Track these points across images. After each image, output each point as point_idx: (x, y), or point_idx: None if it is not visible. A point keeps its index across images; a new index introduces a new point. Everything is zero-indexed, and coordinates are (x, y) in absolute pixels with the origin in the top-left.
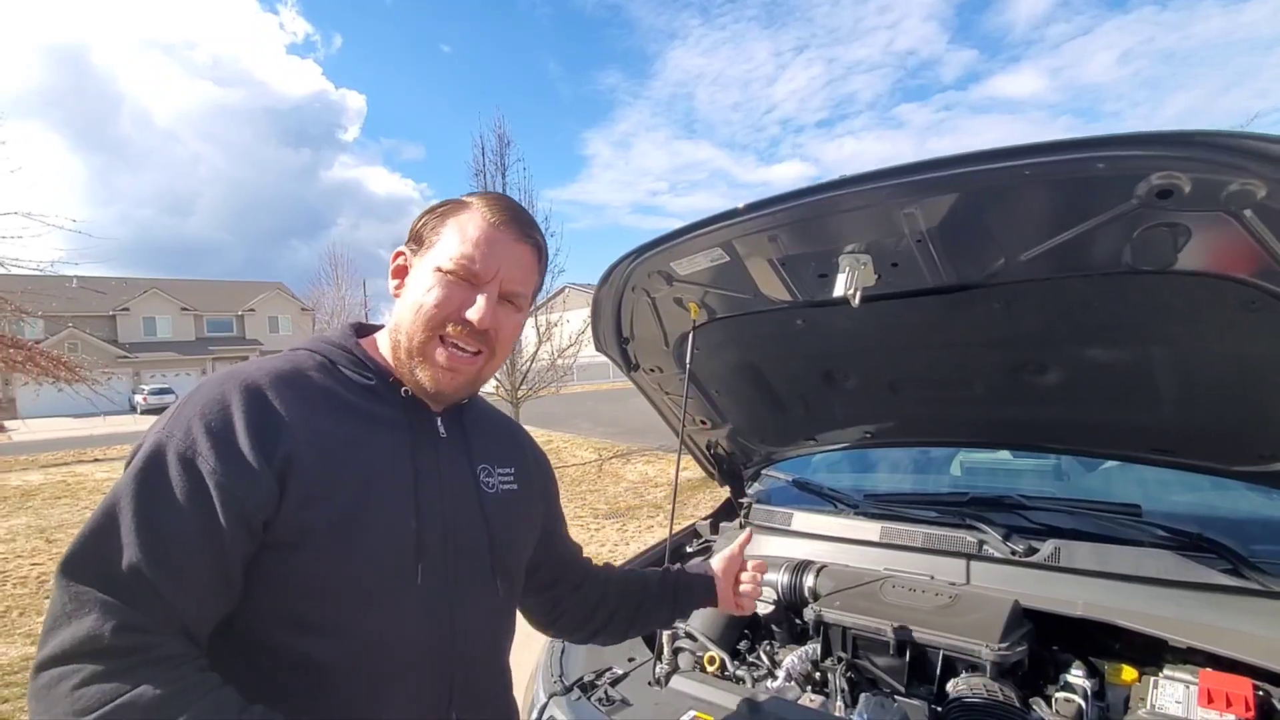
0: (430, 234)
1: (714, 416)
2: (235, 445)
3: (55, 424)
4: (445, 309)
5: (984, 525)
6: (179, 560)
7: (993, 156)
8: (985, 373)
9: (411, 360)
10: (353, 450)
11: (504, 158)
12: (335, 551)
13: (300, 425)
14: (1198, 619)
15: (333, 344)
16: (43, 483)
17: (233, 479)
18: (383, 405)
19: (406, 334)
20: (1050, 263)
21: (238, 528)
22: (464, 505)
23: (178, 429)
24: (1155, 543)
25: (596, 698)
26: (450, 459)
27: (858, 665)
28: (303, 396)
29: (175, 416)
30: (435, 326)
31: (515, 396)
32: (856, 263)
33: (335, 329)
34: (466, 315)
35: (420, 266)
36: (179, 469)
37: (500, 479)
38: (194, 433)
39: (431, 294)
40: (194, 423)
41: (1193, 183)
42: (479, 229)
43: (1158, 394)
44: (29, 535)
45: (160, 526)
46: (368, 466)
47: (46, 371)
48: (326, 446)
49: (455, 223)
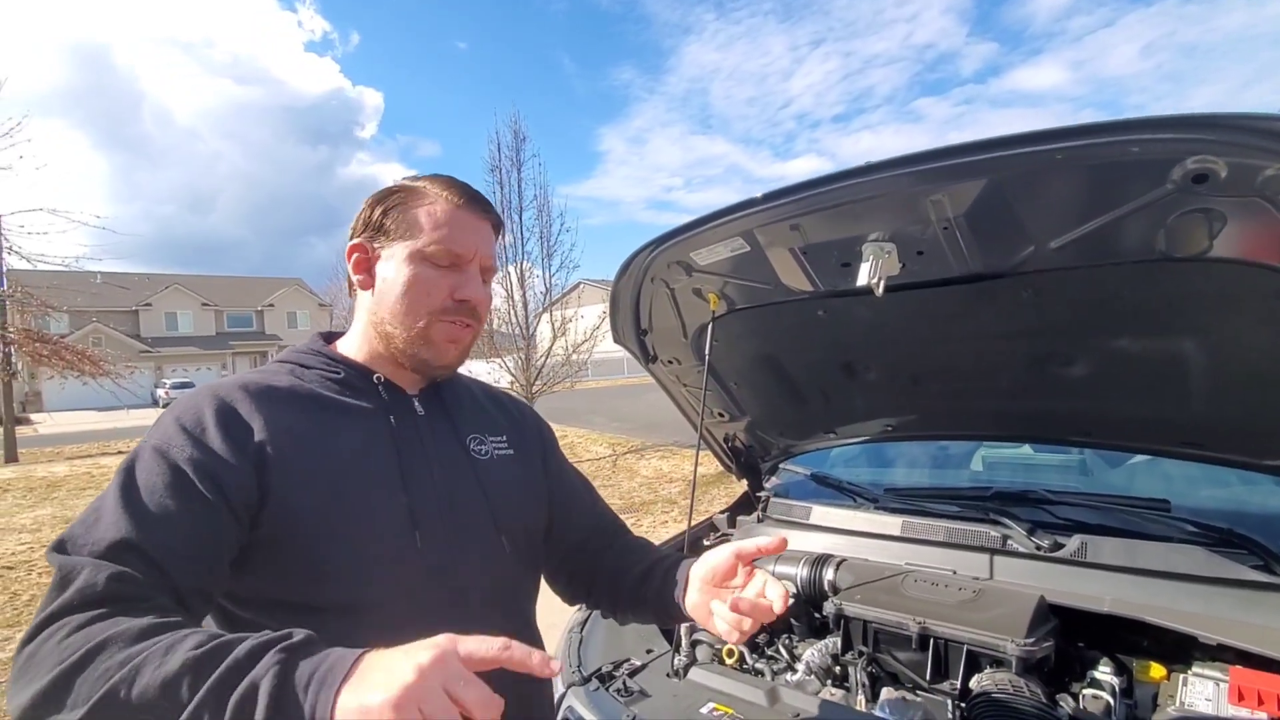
0: (395, 224)
1: (732, 409)
2: (207, 439)
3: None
4: (439, 295)
5: (1008, 520)
6: (164, 531)
7: (1024, 140)
8: (1011, 364)
9: (412, 346)
10: (328, 438)
11: (519, 154)
12: (328, 533)
13: (270, 422)
14: (1228, 615)
15: (300, 352)
16: (68, 474)
17: (208, 460)
18: (355, 395)
19: (402, 323)
20: (1080, 250)
21: (219, 502)
22: (457, 473)
23: (155, 434)
24: (1184, 538)
25: (615, 689)
26: (433, 433)
27: (879, 659)
28: (271, 399)
29: (155, 427)
30: (434, 310)
31: (530, 392)
32: (880, 251)
33: (303, 341)
34: (460, 296)
35: (394, 256)
36: (155, 459)
37: (494, 446)
38: (169, 432)
39: (420, 282)
40: (169, 426)
41: (1229, 167)
42: (449, 213)
43: (1189, 386)
44: (54, 526)
45: (143, 505)
46: (346, 450)
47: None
48: (301, 436)
49: (423, 210)
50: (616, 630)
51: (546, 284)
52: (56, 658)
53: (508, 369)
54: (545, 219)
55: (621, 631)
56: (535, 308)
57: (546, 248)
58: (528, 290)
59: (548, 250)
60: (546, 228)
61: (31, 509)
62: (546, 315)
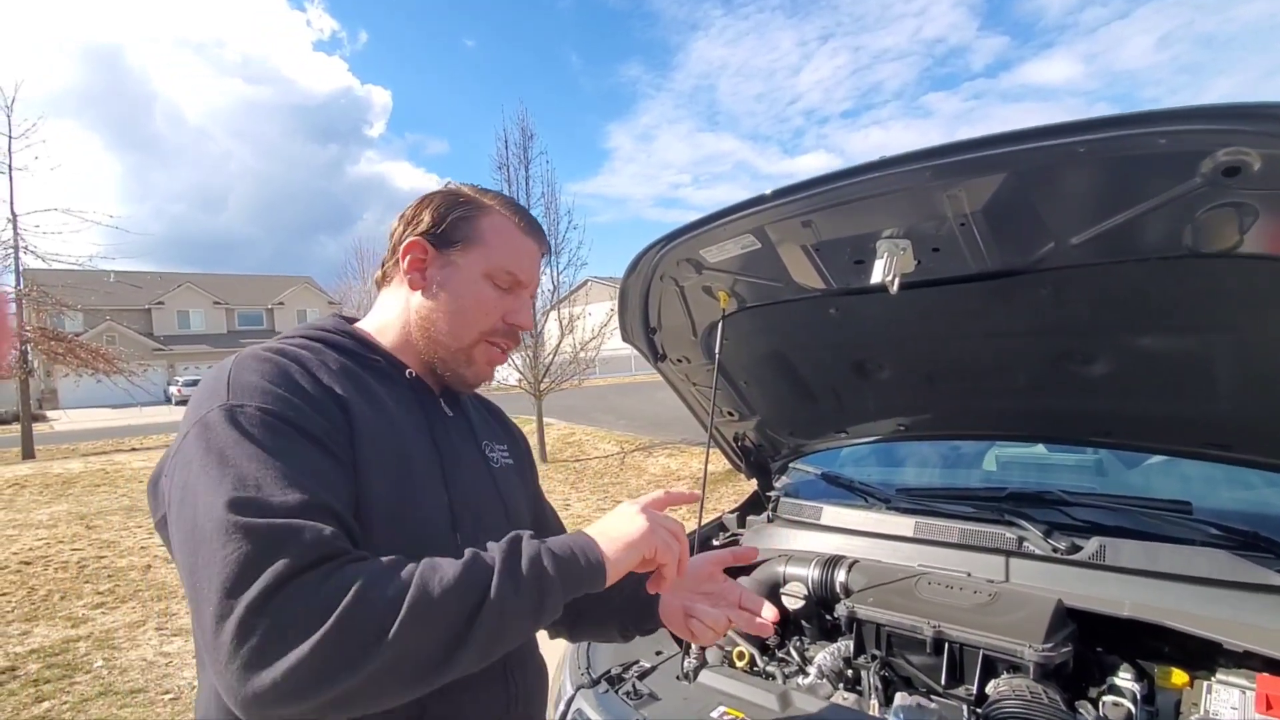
0: (460, 233)
1: (742, 408)
2: (318, 400)
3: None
4: (493, 316)
5: (1024, 521)
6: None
7: (1044, 134)
8: (1028, 363)
9: (455, 359)
10: (388, 424)
11: (527, 151)
12: (391, 517)
13: (347, 392)
14: (1254, 621)
15: (326, 330)
16: (83, 471)
17: (327, 420)
18: (391, 386)
19: (450, 334)
20: (1103, 247)
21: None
22: (479, 479)
23: (245, 396)
24: (1207, 541)
25: (624, 691)
26: (459, 436)
27: (892, 663)
28: (333, 369)
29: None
30: (484, 332)
31: (538, 390)
32: (895, 248)
33: (322, 319)
34: (513, 321)
35: (458, 267)
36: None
37: (500, 454)
38: (239, 390)
39: (479, 301)
40: (260, 385)
41: (1264, 160)
42: (516, 239)
43: (1215, 385)
44: (70, 521)
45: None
46: (402, 441)
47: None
48: (368, 416)
49: (491, 227)
50: None
51: (554, 281)
52: (325, 603)
53: (515, 366)
54: (553, 216)
55: None
56: (543, 305)
57: (554, 245)
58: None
59: (555, 248)
60: (554, 225)
61: (48, 505)
62: (554, 313)
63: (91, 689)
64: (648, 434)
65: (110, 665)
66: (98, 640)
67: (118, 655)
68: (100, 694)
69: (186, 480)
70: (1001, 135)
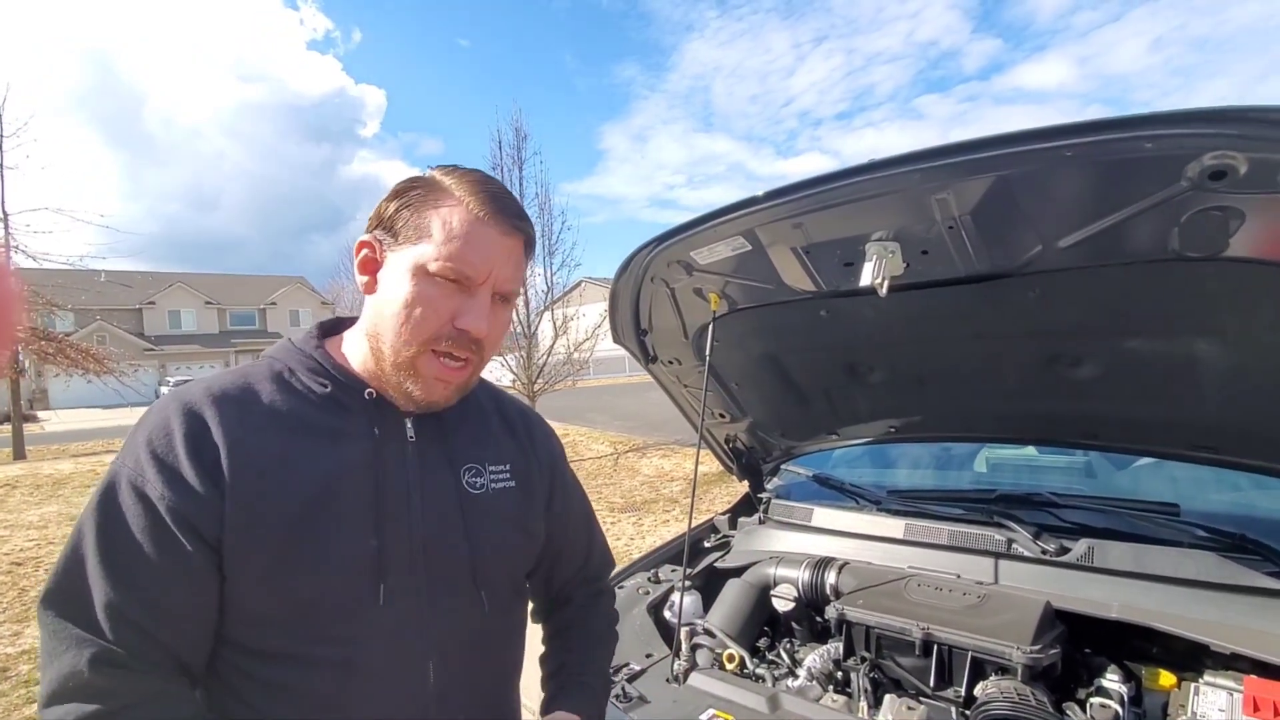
0: (407, 225)
1: (733, 410)
2: (179, 470)
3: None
4: (436, 320)
5: (1013, 523)
6: (148, 587)
7: (1032, 137)
8: (1017, 365)
9: (398, 374)
10: (295, 469)
11: (521, 151)
12: (278, 579)
13: (236, 446)
14: (1241, 623)
15: (292, 350)
16: (73, 471)
17: (181, 501)
18: (340, 414)
19: (391, 346)
20: (1090, 250)
21: (200, 548)
22: (440, 512)
23: (129, 458)
24: (1195, 543)
25: (614, 694)
26: (422, 461)
27: (881, 665)
28: (243, 415)
29: (128, 445)
30: (426, 339)
31: (531, 390)
32: (884, 251)
33: (298, 335)
34: (461, 325)
35: (397, 264)
36: (132, 498)
37: (492, 477)
38: (141, 460)
39: (418, 301)
40: (141, 451)
41: (1249, 163)
42: (466, 224)
43: (1202, 388)
44: (61, 522)
45: (124, 557)
46: (313, 485)
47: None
48: (265, 467)
49: (437, 216)
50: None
51: (548, 282)
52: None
53: (509, 367)
54: (547, 217)
55: (621, 636)
56: (537, 306)
57: (548, 246)
58: (529, 289)
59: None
60: (548, 226)
61: (39, 506)
62: (548, 313)
63: None
64: (641, 435)
65: None
66: None
67: None
68: None
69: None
70: (989, 139)
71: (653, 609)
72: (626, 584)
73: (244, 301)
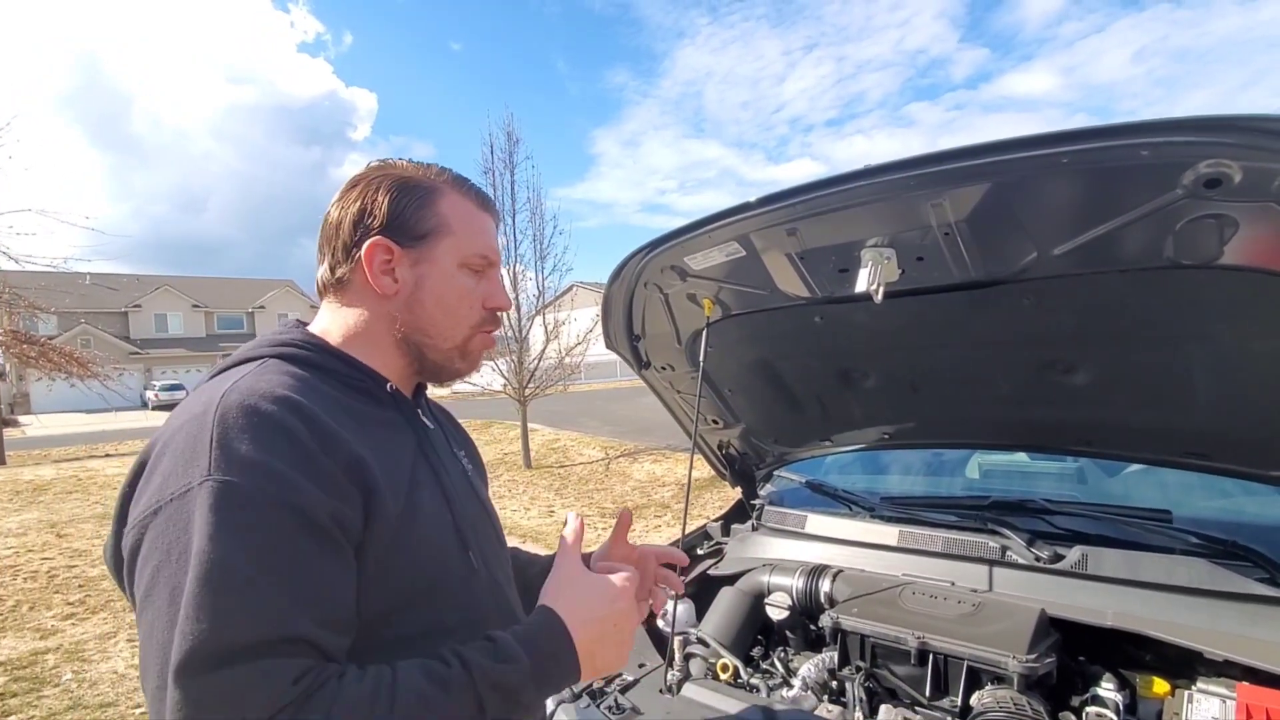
0: (424, 225)
1: (727, 416)
2: (322, 473)
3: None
4: (475, 304)
5: (1007, 530)
6: (320, 604)
7: (1028, 144)
8: (1011, 372)
9: (449, 358)
10: (389, 460)
11: (512, 156)
12: (406, 566)
13: (356, 444)
14: (1234, 630)
15: (300, 347)
16: (55, 478)
17: (333, 504)
18: (379, 406)
19: (440, 334)
20: (1085, 257)
21: (349, 547)
22: (466, 491)
23: (242, 472)
24: (1187, 550)
25: (606, 705)
26: (443, 449)
27: (877, 675)
28: (335, 413)
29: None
30: (475, 323)
31: (523, 395)
32: (880, 257)
33: (288, 332)
34: (492, 305)
35: (434, 264)
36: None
37: (465, 461)
38: (273, 470)
39: (461, 294)
40: (266, 459)
41: (1244, 171)
42: (477, 218)
43: (1195, 395)
44: (40, 530)
45: (289, 576)
46: (405, 473)
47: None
48: (377, 460)
49: (453, 212)
50: None
51: (540, 286)
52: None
53: (500, 372)
54: (538, 221)
55: None
56: (528, 310)
57: (540, 250)
58: (521, 293)
59: (541, 253)
60: (540, 230)
61: (18, 513)
62: (539, 318)
63: (60, 703)
64: (633, 439)
65: (80, 678)
66: (67, 652)
67: (88, 668)
68: (69, 708)
69: (155, 574)
70: (985, 145)
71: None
72: None
73: (232, 305)
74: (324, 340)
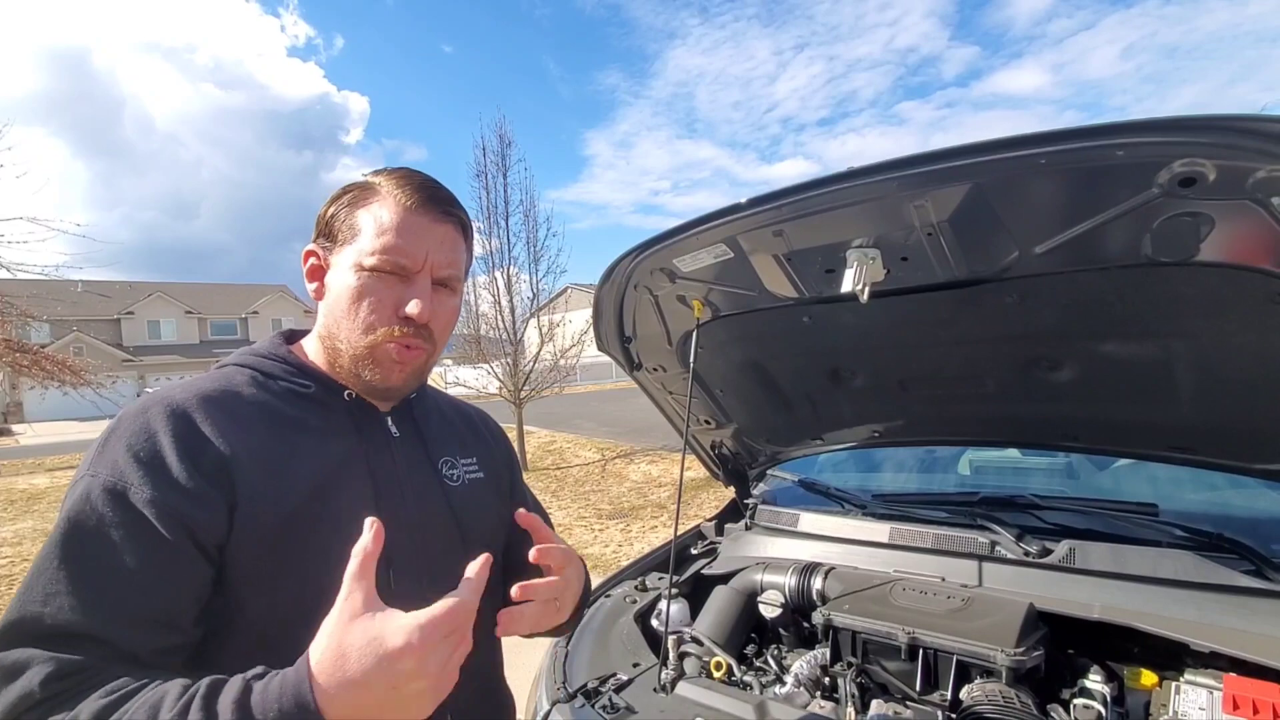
0: (342, 227)
1: (718, 416)
2: (170, 472)
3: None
4: (382, 310)
5: (996, 526)
6: (120, 601)
7: (1006, 145)
8: (997, 369)
9: (357, 365)
10: (297, 462)
11: (505, 158)
12: (290, 574)
13: (235, 442)
14: (1220, 622)
15: (263, 355)
16: (49, 486)
17: (175, 503)
18: (325, 413)
19: (347, 341)
20: (1065, 255)
21: (185, 545)
22: (429, 504)
23: (103, 467)
24: (1173, 543)
25: (601, 705)
26: (408, 458)
27: (868, 670)
28: (234, 415)
29: (100, 454)
30: (379, 327)
31: (518, 398)
32: (865, 257)
33: (264, 339)
34: (405, 312)
35: (339, 265)
36: (108, 503)
37: (465, 469)
38: (121, 465)
39: (363, 295)
40: (120, 456)
41: (1218, 170)
42: (396, 215)
43: (1176, 390)
44: (35, 539)
45: (95, 570)
46: (317, 477)
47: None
48: (267, 460)
49: (367, 213)
50: (602, 645)
51: (534, 289)
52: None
53: (495, 375)
54: (532, 224)
55: (607, 646)
56: (522, 313)
57: (533, 253)
58: (515, 295)
59: (534, 255)
60: (533, 233)
61: (12, 522)
62: (534, 320)
63: None
64: (629, 440)
65: None
66: None
67: None
68: None
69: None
70: (965, 147)
71: (640, 617)
72: (613, 592)
73: (225, 311)
74: (290, 350)
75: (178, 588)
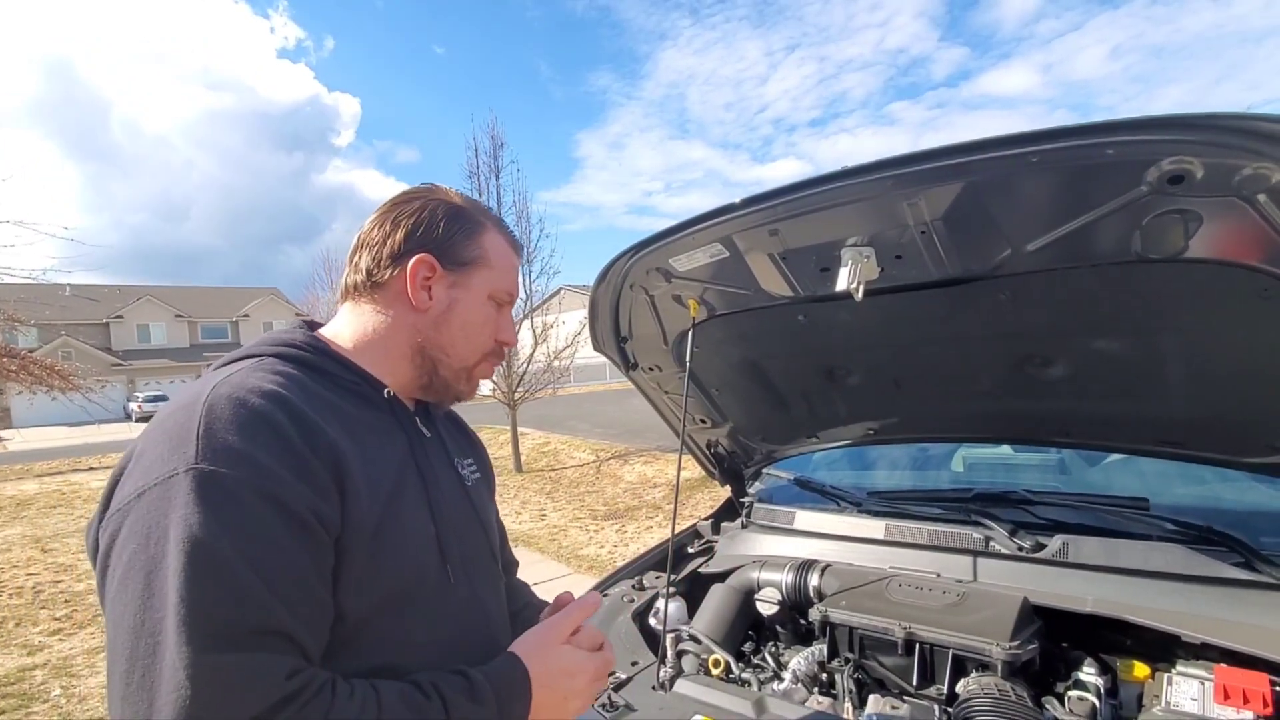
0: (468, 253)
1: (714, 415)
2: (308, 469)
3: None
4: (489, 336)
5: (990, 521)
6: (305, 605)
7: (998, 144)
8: (991, 366)
9: (455, 379)
10: (375, 463)
11: (498, 160)
12: (380, 571)
13: (341, 442)
14: (1211, 613)
15: (298, 347)
16: (38, 492)
17: (316, 500)
18: (374, 410)
19: (457, 356)
20: (1057, 253)
21: (328, 547)
22: (458, 501)
23: (234, 463)
24: (1164, 536)
25: (600, 703)
26: (437, 458)
27: (865, 666)
28: (324, 412)
29: (202, 441)
30: (485, 351)
31: (512, 399)
32: (859, 256)
33: (290, 331)
34: (502, 339)
35: (466, 286)
36: (261, 503)
37: (469, 470)
38: (260, 463)
39: (483, 321)
40: (253, 451)
41: (1205, 168)
42: (510, 258)
43: (1166, 385)
44: (24, 545)
45: (275, 572)
46: (390, 477)
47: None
48: (357, 457)
49: (493, 248)
50: None
51: (527, 290)
52: None
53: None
54: (524, 225)
55: None
56: (516, 314)
57: (526, 254)
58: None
59: (528, 256)
60: (526, 233)
61: (2, 528)
62: (528, 322)
63: (49, 718)
64: (623, 441)
65: (69, 694)
66: (55, 668)
67: (76, 683)
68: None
69: (134, 557)
70: (957, 146)
71: (637, 616)
72: (611, 592)
73: (215, 314)
74: (327, 342)
75: (326, 584)
